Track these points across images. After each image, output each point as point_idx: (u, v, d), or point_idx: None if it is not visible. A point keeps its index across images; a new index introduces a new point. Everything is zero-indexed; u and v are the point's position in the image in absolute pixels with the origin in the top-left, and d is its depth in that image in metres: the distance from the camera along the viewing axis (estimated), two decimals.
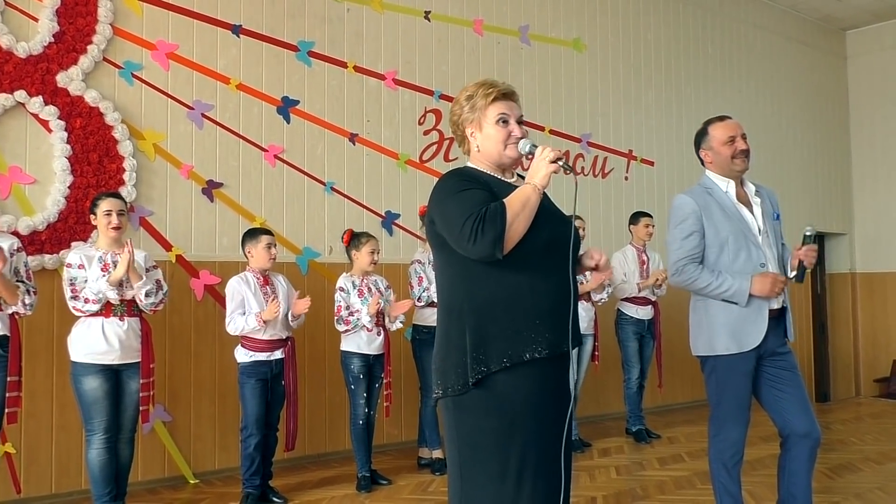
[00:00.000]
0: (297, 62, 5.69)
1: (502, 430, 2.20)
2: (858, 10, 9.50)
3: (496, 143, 2.34)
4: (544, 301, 2.23)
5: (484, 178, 2.34)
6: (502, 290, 2.22)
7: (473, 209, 2.17)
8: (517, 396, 2.20)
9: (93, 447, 3.88)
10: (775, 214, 3.41)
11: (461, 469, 2.26)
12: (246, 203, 5.41)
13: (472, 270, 2.24)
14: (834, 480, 4.90)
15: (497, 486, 2.20)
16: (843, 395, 9.79)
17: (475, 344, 2.21)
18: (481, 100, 2.35)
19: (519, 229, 2.17)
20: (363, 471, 4.78)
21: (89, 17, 4.85)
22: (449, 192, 2.28)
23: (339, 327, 4.76)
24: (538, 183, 2.22)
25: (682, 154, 7.78)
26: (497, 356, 2.19)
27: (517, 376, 2.21)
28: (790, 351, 3.33)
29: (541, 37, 7.10)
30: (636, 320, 6.17)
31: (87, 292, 3.85)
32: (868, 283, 9.93)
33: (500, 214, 2.15)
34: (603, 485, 4.85)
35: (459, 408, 2.25)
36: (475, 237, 2.14)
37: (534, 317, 2.21)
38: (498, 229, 2.13)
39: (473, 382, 2.20)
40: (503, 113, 2.35)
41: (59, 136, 4.69)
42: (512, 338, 2.20)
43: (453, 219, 2.20)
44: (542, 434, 2.23)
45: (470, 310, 2.24)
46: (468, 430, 2.24)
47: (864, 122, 10.07)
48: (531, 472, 2.20)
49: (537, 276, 2.23)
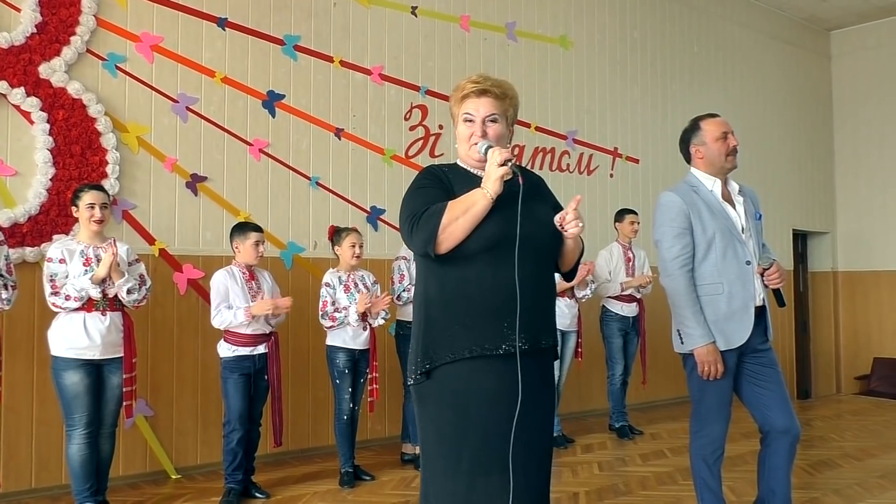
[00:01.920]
0: (282, 56, 5.67)
1: (455, 423, 2.24)
2: (843, 11, 9.57)
3: (462, 142, 2.41)
4: (490, 298, 2.23)
5: (451, 175, 2.38)
6: (449, 286, 2.26)
7: (418, 208, 2.25)
8: (471, 391, 2.23)
9: (73, 442, 3.86)
10: (757, 214, 3.43)
11: (424, 459, 2.35)
12: (230, 197, 5.38)
13: (427, 266, 2.32)
14: (813, 476, 4.94)
15: (450, 479, 2.23)
16: (824, 392, 9.88)
17: (425, 336, 2.28)
18: (460, 94, 2.40)
19: (456, 233, 2.19)
20: (346, 466, 4.78)
21: (73, 7, 4.81)
22: (410, 189, 2.37)
23: (325, 323, 4.75)
24: (490, 189, 2.17)
25: (667, 152, 7.81)
26: (442, 350, 2.25)
27: (470, 370, 2.23)
28: (770, 348, 3.35)
29: (527, 33, 7.10)
30: (621, 317, 6.20)
31: (69, 288, 3.81)
32: (850, 282, 10.03)
33: (435, 216, 2.20)
34: (585, 480, 4.88)
35: (420, 398, 2.34)
36: (410, 235, 2.25)
37: (479, 313, 2.23)
38: (430, 230, 2.19)
39: (422, 372, 2.27)
40: (467, 112, 2.37)
41: (41, 128, 4.65)
42: (457, 332, 2.23)
43: (402, 215, 2.32)
44: (497, 429, 2.22)
45: (423, 303, 2.32)
46: (426, 422, 2.32)
47: (848, 122, 10.15)
48: (485, 469, 2.21)
49: (485, 273, 2.23)
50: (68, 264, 3.89)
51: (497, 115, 2.36)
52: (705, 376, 3.20)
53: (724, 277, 3.22)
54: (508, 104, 2.40)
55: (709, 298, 3.24)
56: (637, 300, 6.26)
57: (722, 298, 3.22)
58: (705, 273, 3.25)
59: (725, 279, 3.22)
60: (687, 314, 3.22)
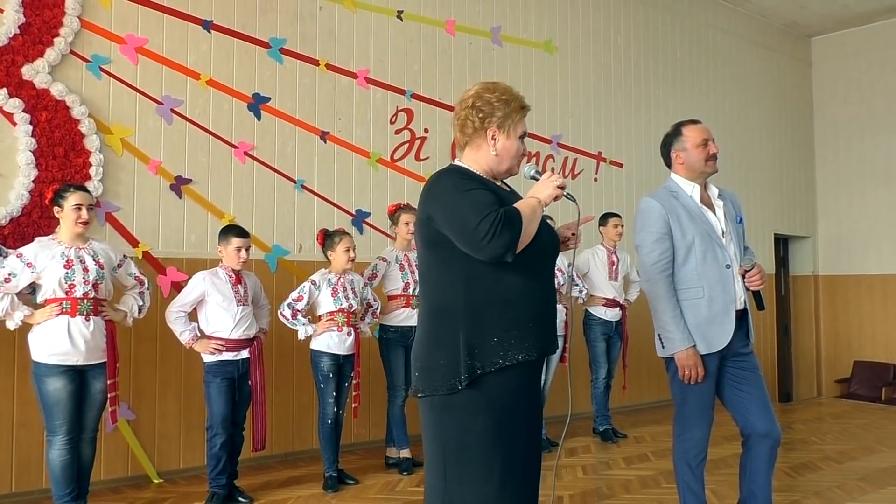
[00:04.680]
0: (268, 59, 5.66)
1: (490, 430, 2.22)
2: (823, 18, 9.68)
3: (513, 157, 2.41)
4: (535, 304, 2.29)
5: (481, 179, 2.37)
6: (499, 292, 2.24)
7: (489, 208, 2.18)
8: (505, 397, 2.24)
9: (54, 447, 3.80)
10: (738, 218, 3.46)
11: (445, 468, 2.26)
12: (215, 200, 5.36)
13: (472, 270, 2.24)
14: (794, 479, 4.99)
15: (482, 485, 2.22)
16: (805, 395, 9.97)
17: (469, 344, 2.22)
18: (517, 112, 2.39)
19: (528, 237, 2.23)
20: (330, 470, 4.77)
21: (56, 9, 4.78)
22: (455, 189, 2.26)
23: (284, 311, 4.71)
24: (543, 199, 2.30)
25: (651, 156, 7.86)
26: (491, 357, 2.22)
27: (506, 377, 2.24)
28: (752, 352, 3.39)
29: (512, 38, 7.13)
30: (604, 321, 6.23)
31: (9, 287, 3.74)
32: (830, 286, 10.13)
33: (517, 218, 2.19)
34: (569, 484, 4.89)
35: (447, 407, 2.25)
36: (491, 237, 2.14)
37: (526, 319, 2.26)
38: (515, 232, 2.17)
39: (467, 383, 2.20)
40: (526, 131, 2.44)
41: (23, 130, 4.61)
42: (505, 339, 2.23)
43: (466, 217, 2.18)
44: (526, 434, 2.29)
45: (465, 309, 2.24)
46: (455, 430, 2.24)
47: (828, 127, 10.26)
48: (515, 473, 2.24)
49: (530, 280, 2.28)
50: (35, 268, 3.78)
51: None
52: (686, 380, 3.23)
53: (704, 281, 3.25)
54: None
55: (689, 302, 3.26)
56: (620, 304, 6.29)
57: (702, 302, 3.25)
58: (686, 277, 3.27)
59: (706, 283, 3.25)
60: (667, 319, 3.25)
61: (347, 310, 4.78)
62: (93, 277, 3.86)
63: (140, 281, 4.17)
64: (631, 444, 6.14)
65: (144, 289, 4.19)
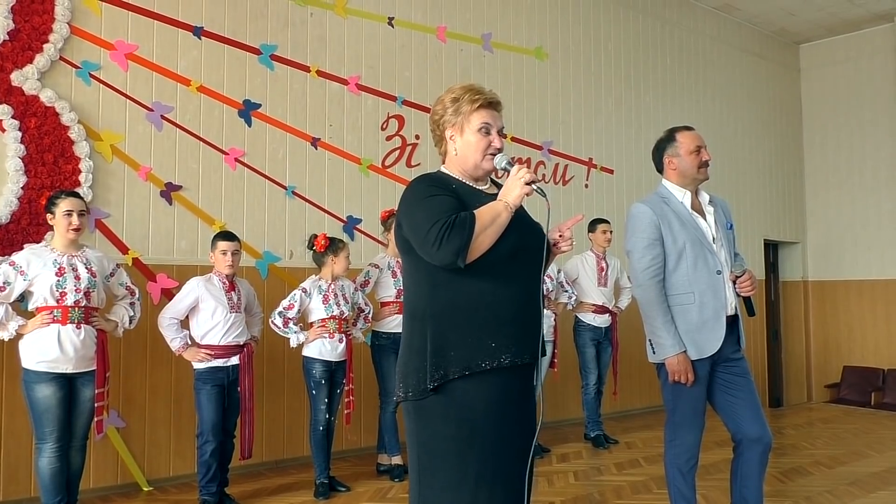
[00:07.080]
0: (259, 65, 5.66)
1: (461, 438, 2.18)
2: (812, 25, 9.76)
3: (475, 152, 2.34)
4: (507, 310, 2.22)
5: (454, 185, 2.33)
6: (464, 297, 2.20)
7: (441, 215, 2.16)
8: (478, 405, 2.19)
9: (43, 455, 3.78)
10: (728, 224, 3.48)
11: (419, 474, 2.26)
12: (205, 206, 5.35)
13: (435, 275, 2.22)
14: (785, 484, 5.00)
15: (454, 493, 2.19)
16: (795, 400, 10.01)
17: (435, 349, 2.19)
18: (467, 104, 2.34)
19: (485, 243, 2.17)
20: (322, 477, 4.75)
21: (46, 15, 4.76)
22: (418, 196, 2.26)
23: (275, 320, 4.70)
24: (511, 202, 2.21)
25: (642, 162, 7.89)
26: (456, 363, 2.18)
27: (478, 384, 2.19)
28: (743, 357, 3.40)
29: (503, 45, 7.15)
30: (593, 327, 6.24)
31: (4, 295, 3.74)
32: (820, 291, 10.18)
33: (468, 225, 2.14)
34: (561, 490, 4.89)
35: (420, 412, 2.24)
36: (439, 243, 2.12)
37: (495, 325, 2.20)
38: (464, 239, 2.13)
39: (432, 388, 2.18)
40: (486, 122, 2.34)
41: (12, 136, 4.59)
42: (471, 345, 2.18)
43: (420, 223, 2.19)
44: (503, 444, 2.21)
45: (431, 314, 2.22)
46: (428, 436, 2.23)
47: (817, 134, 10.33)
48: (489, 482, 2.19)
49: (500, 285, 2.22)
50: (27, 275, 3.76)
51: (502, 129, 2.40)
52: (676, 379, 3.24)
53: (694, 287, 3.26)
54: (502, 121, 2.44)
55: (680, 308, 3.27)
56: (609, 311, 6.30)
57: (693, 308, 3.26)
58: (676, 283, 3.28)
59: (696, 289, 3.26)
60: (658, 324, 3.26)
61: (339, 316, 4.77)
62: (84, 286, 3.84)
63: (131, 291, 4.16)
64: (622, 449, 6.14)
65: (135, 299, 4.19)
